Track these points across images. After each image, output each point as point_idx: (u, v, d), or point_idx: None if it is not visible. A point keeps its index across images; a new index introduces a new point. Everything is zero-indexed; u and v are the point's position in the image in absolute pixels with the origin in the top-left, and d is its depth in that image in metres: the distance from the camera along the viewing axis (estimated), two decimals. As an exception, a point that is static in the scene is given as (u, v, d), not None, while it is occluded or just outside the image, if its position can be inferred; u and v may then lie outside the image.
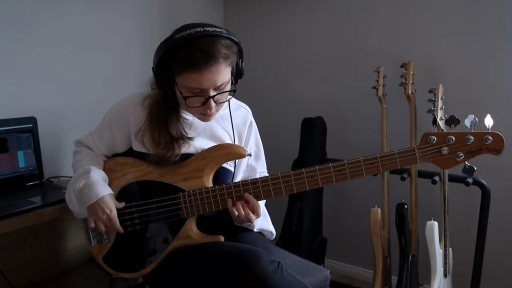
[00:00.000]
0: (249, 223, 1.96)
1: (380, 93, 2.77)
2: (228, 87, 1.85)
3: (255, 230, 2.09)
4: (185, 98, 1.81)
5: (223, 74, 1.80)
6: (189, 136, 1.96)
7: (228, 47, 1.80)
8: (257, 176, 2.16)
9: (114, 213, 1.91)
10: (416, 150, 1.80)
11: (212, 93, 1.81)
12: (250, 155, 2.03)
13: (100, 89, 2.90)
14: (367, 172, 1.82)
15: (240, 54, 1.89)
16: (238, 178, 2.11)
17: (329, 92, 3.35)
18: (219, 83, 1.80)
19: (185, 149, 1.95)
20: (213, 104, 1.83)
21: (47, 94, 2.66)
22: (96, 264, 2.05)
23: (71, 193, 1.95)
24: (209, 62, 1.74)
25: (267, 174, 2.19)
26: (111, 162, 2.04)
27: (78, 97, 2.80)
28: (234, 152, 1.94)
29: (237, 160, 2.07)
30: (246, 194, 1.89)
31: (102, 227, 1.92)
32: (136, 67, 3.04)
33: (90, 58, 2.85)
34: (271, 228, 2.17)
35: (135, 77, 2.87)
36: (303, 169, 1.86)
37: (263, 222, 2.13)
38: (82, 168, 1.96)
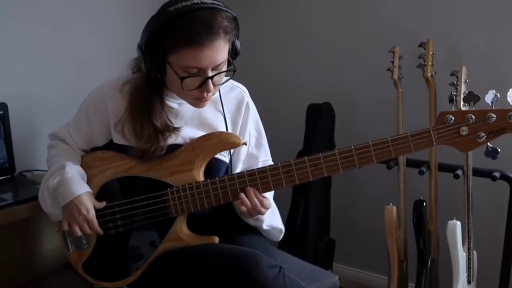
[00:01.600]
0: (259, 215, 1.96)
1: (395, 76, 2.77)
2: (225, 68, 1.86)
3: (265, 227, 2.08)
4: (182, 79, 1.80)
5: (223, 51, 1.80)
6: (175, 126, 1.95)
7: (230, 21, 1.80)
8: (260, 165, 2.15)
9: (92, 214, 1.91)
10: (431, 131, 1.81)
11: (210, 73, 1.80)
12: (245, 144, 2.03)
13: (78, 72, 2.89)
14: (378, 157, 1.83)
15: (237, 30, 1.88)
16: (238, 169, 2.11)
17: (337, 75, 3.36)
18: (219, 61, 1.80)
19: (172, 140, 1.96)
20: (211, 86, 1.83)
21: (19, 77, 2.66)
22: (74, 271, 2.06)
23: (45, 192, 1.95)
24: (211, 35, 1.74)
25: (272, 163, 2.19)
26: (89, 157, 2.04)
27: (53, 80, 2.80)
28: (227, 141, 1.95)
29: (232, 150, 2.07)
30: (248, 188, 1.89)
31: (78, 230, 1.92)
32: (120, 47, 3.03)
33: (66, 37, 2.84)
34: (281, 226, 2.16)
35: (118, 59, 2.85)
36: (305, 157, 1.86)
37: (273, 218, 2.11)
38: (56, 164, 1.97)
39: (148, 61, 1.83)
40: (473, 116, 1.78)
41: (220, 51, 1.78)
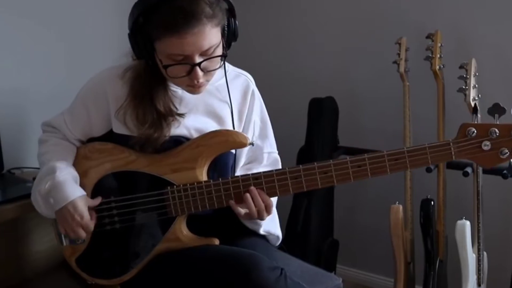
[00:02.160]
0: (258, 220, 1.96)
1: (401, 69, 2.78)
2: (219, 52, 1.84)
3: (261, 232, 2.09)
4: (165, 67, 1.80)
5: (210, 36, 1.78)
6: (179, 112, 1.95)
7: (213, 5, 1.77)
8: (264, 158, 2.16)
9: (87, 219, 1.91)
10: (451, 144, 1.78)
11: (198, 59, 1.79)
12: (252, 144, 2.01)
13: (68, 63, 2.89)
14: (392, 169, 1.80)
15: (231, 12, 1.87)
16: (241, 162, 2.12)
17: (341, 67, 3.36)
18: (205, 47, 1.78)
19: (175, 128, 1.95)
20: (199, 73, 1.81)
21: (5, 70, 2.65)
22: (67, 271, 2.06)
23: (37, 196, 1.94)
24: (191, 23, 1.72)
25: (277, 157, 2.21)
26: (87, 148, 2.03)
27: (42, 73, 2.79)
28: (233, 141, 1.93)
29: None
30: (252, 188, 1.88)
31: (72, 236, 1.93)
32: (113, 35, 3.01)
33: (54, 27, 2.84)
34: (278, 232, 2.17)
35: (111, 48, 2.86)
36: (315, 163, 1.85)
37: (271, 224, 2.12)
38: (47, 166, 1.95)
39: (136, 49, 1.84)
40: (497, 131, 1.74)
41: (205, 36, 1.76)
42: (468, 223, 2.54)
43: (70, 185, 1.91)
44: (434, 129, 2.75)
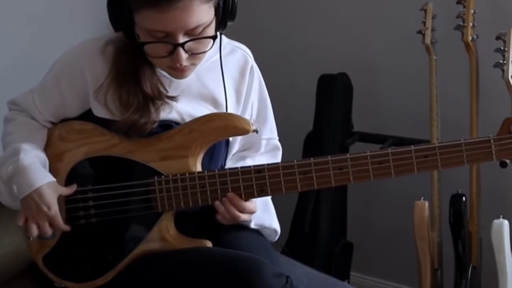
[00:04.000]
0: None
1: (427, 40, 2.77)
2: (210, 32, 1.82)
3: (253, 226, 2.09)
4: (143, 44, 1.80)
5: (198, 13, 1.76)
6: (170, 94, 1.94)
7: None
8: (262, 145, 2.16)
9: (55, 210, 1.90)
10: (492, 141, 1.78)
11: (182, 39, 1.77)
12: (256, 131, 1.99)
13: (32, 31, 2.87)
14: (420, 167, 1.81)
15: None
16: (234, 149, 2.13)
17: (356, 38, 3.36)
18: (192, 25, 1.76)
19: (165, 113, 1.95)
20: (183, 55, 1.80)
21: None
22: (30, 277, 2.07)
23: None
24: None
25: (278, 144, 2.22)
26: (63, 128, 2.04)
27: (0, 44, 2.79)
28: (234, 126, 1.94)
29: None
30: (231, 195, 1.89)
31: (35, 230, 1.92)
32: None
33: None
34: (275, 225, 2.17)
35: (83, 9, 2.84)
36: (329, 156, 1.85)
37: (265, 216, 2.12)
38: (11, 148, 1.96)
39: (113, 20, 1.84)
40: None
41: (192, 13, 1.74)
42: (506, 222, 2.55)
43: (36, 170, 1.91)
44: (466, 112, 2.75)
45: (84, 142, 1.99)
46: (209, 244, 1.94)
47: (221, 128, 1.93)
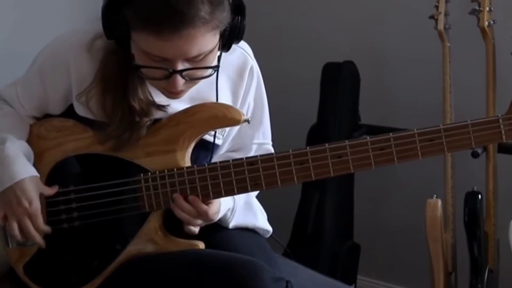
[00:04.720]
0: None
1: (440, 26, 2.76)
2: (212, 58, 1.80)
3: (231, 227, 2.10)
4: (137, 67, 1.77)
5: (202, 41, 1.73)
6: (160, 103, 1.92)
7: (214, 3, 1.72)
8: (253, 149, 2.16)
9: (36, 206, 1.90)
10: (501, 121, 1.77)
11: (181, 66, 1.75)
12: (248, 121, 1.97)
13: (16, 17, 2.85)
14: (424, 152, 1.80)
15: (239, 9, 1.81)
16: (222, 150, 2.12)
17: (363, 24, 3.37)
18: (193, 54, 1.74)
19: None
20: (180, 81, 1.77)
21: None
22: (10, 284, 2.06)
23: None
24: (178, 25, 1.67)
25: (271, 149, 2.20)
26: (42, 126, 2.04)
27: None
28: (223, 116, 1.92)
29: (227, 129, 2.06)
30: (192, 197, 1.88)
31: (15, 228, 1.91)
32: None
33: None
34: (261, 224, 2.18)
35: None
36: (326, 144, 1.84)
37: (248, 216, 2.14)
38: None
39: (107, 29, 1.80)
40: None
41: (196, 42, 1.72)
42: (525, 222, 2.54)
43: (19, 162, 1.92)
44: (482, 102, 2.74)
45: (64, 140, 1.99)
46: (201, 245, 1.94)
47: (210, 118, 1.92)
